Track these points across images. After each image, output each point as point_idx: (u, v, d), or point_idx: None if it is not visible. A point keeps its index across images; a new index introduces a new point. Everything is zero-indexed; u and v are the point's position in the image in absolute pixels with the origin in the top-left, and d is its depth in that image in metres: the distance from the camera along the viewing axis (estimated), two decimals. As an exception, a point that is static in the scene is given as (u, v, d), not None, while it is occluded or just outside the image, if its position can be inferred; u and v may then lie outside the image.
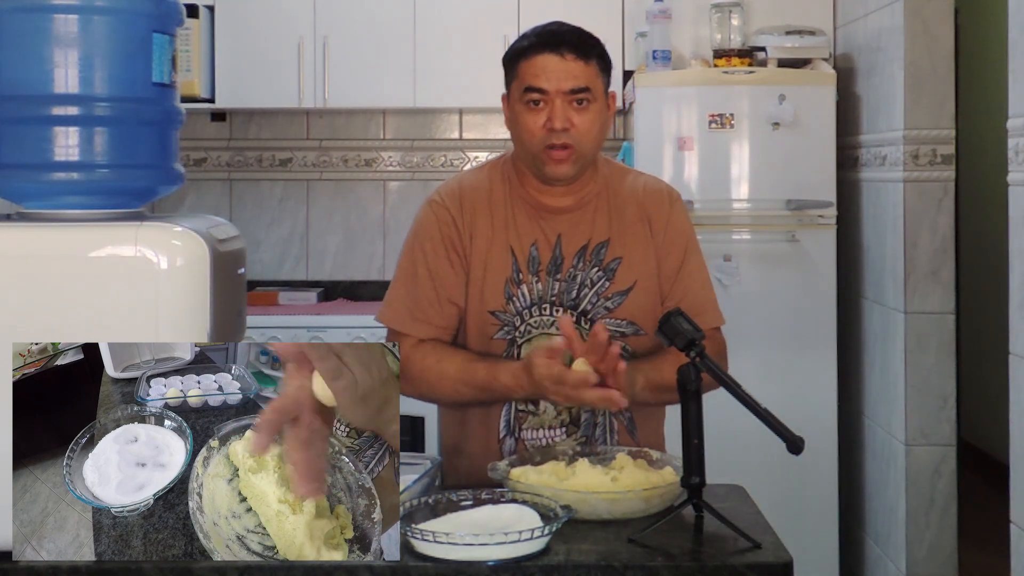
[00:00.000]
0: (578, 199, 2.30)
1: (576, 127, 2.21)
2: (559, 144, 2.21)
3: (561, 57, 2.20)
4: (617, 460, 2.08)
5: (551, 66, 2.20)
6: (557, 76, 2.20)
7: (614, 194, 2.33)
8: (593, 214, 2.31)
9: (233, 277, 2.06)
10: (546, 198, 2.30)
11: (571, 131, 2.21)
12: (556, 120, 2.20)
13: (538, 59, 2.21)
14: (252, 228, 4.90)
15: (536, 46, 2.22)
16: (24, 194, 2.02)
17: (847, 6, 4.34)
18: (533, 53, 2.22)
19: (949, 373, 3.76)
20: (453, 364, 2.25)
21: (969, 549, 4.17)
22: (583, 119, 2.21)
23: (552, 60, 2.20)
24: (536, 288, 2.28)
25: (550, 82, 2.20)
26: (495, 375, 2.20)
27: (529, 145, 2.24)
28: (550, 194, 2.30)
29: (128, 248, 1.86)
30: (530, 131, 2.23)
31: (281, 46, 4.54)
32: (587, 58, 2.21)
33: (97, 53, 1.97)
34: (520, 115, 2.24)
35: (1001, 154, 2.90)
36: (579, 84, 2.20)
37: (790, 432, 1.92)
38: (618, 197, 2.33)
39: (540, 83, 2.20)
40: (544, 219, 2.30)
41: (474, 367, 2.23)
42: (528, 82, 2.22)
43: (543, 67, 2.20)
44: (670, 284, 2.31)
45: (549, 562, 1.76)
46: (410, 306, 2.29)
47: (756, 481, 2.44)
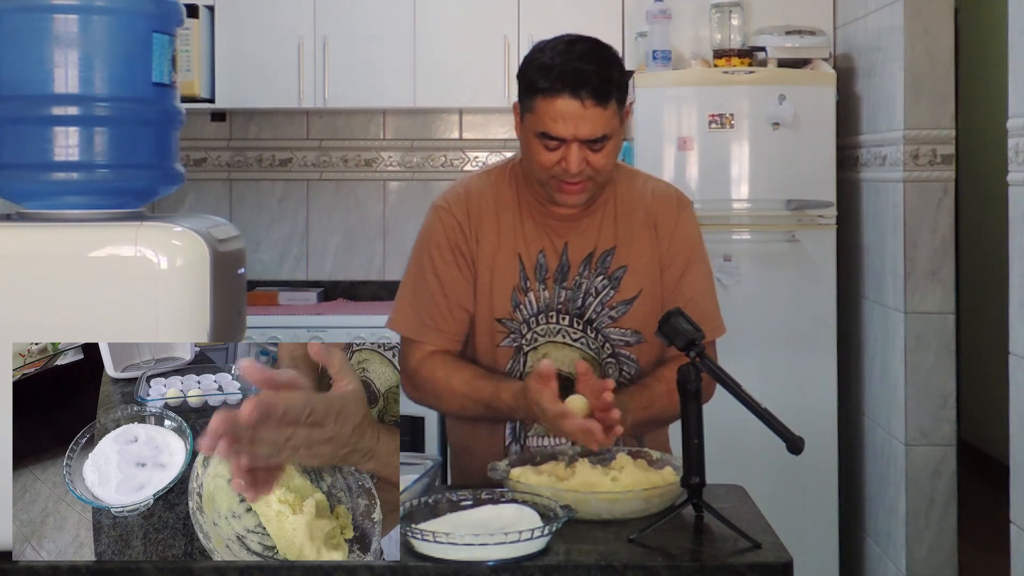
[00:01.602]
0: (586, 207, 2.27)
1: (591, 165, 2.16)
2: (573, 180, 2.17)
3: (581, 104, 2.10)
4: (617, 460, 2.07)
5: (570, 113, 2.11)
6: (576, 125, 2.12)
7: (623, 199, 2.31)
8: (600, 221, 2.29)
9: (233, 277, 2.06)
10: (553, 206, 2.26)
11: (586, 170, 2.16)
12: (572, 164, 2.14)
13: (558, 103, 2.11)
14: (252, 228, 4.89)
15: (557, 88, 2.11)
16: (24, 194, 2.01)
17: (847, 6, 4.34)
18: (553, 95, 2.12)
19: (949, 373, 3.75)
20: (461, 379, 2.23)
21: (969, 549, 4.17)
22: (599, 158, 2.16)
23: (572, 106, 2.11)
24: (543, 296, 2.27)
25: (568, 130, 2.12)
26: (499, 394, 2.19)
27: (539, 175, 2.21)
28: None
29: (128, 248, 1.86)
30: (542, 165, 2.18)
31: (281, 46, 4.53)
32: (607, 101, 2.12)
33: (97, 53, 1.97)
34: (532, 146, 2.18)
35: (1001, 154, 2.90)
36: (596, 134, 2.13)
37: (790, 432, 1.91)
38: (627, 203, 2.31)
39: (559, 131, 2.13)
40: (551, 226, 2.28)
41: (480, 384, 2.22)
42: (545, 127, 2.14)
43: (562, 113, 2.11)
44: (671, 292, 2.29)
45: (549, 562, 1.76)
46: (420, 313, 2.28)
47: (756, 481, 2.44)
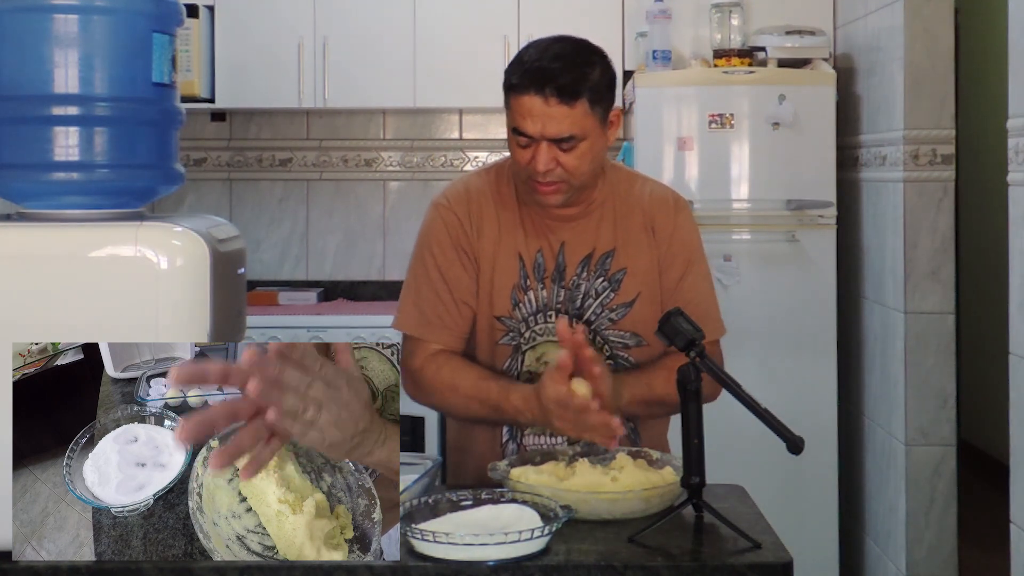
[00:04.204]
0: (583, 207, 2.28)
1: (563, 166, 2.16)
2: (545, 181, 2.18)
3: (545, 101, 2.11)
4: (617, 460, 2.07)
5: (535, 110, 2.12)
6: (541, 122, 2.12)
7: (621, 201, 2.31)
8: (598, 222, 2.29)
9: (233, 277, 2.06)
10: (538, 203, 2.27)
11: (557, 170, 2.16)
12: (540, 163, 2.15)
13: (524, 99, 2.13)
14: (252, 228, 4.89)
15: (524, 84, 2.13)
16: (24, 194, 2.01)
17: (847, 6, 4.34)
18: (520, 91, 2.13)
19: (949, 373, 3.75)
20: (466, 380, 2.22)
21: (969, 549, 4.17)
22: (569, 158, 2.16)
23: (536, 104, 2.11)
24: (541, 295, 2.27)
25: (535, 127, 2.13)
26: (506, 396, 2.18)
27: (519, 173, 2.23)
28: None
29: (128, 248, 1.86)
30: (518, 163, 2.20)
31: (281, 46, 4.53)
32: (573, 100, 2.12)
33: (97, 53, 1.96)
34: (510, 143, 2.21)
35: (1001, 154, 2.90)
36: (562, 133, 2.13)
37: (790, 432, 1.91)
38: (624, 204, 2.31)
39: (525, 127, 2.14)
40: (548, 226, 2.28)
41: (487, 385, 2.21)
42: (515, 122, 2.16)
43: (528, 110, 2.13)
44: (670, 294, 2.29)
45: (549, 562, 1.76)
46: (425, 310, 2.27)
47: (756, 481, 2.43)
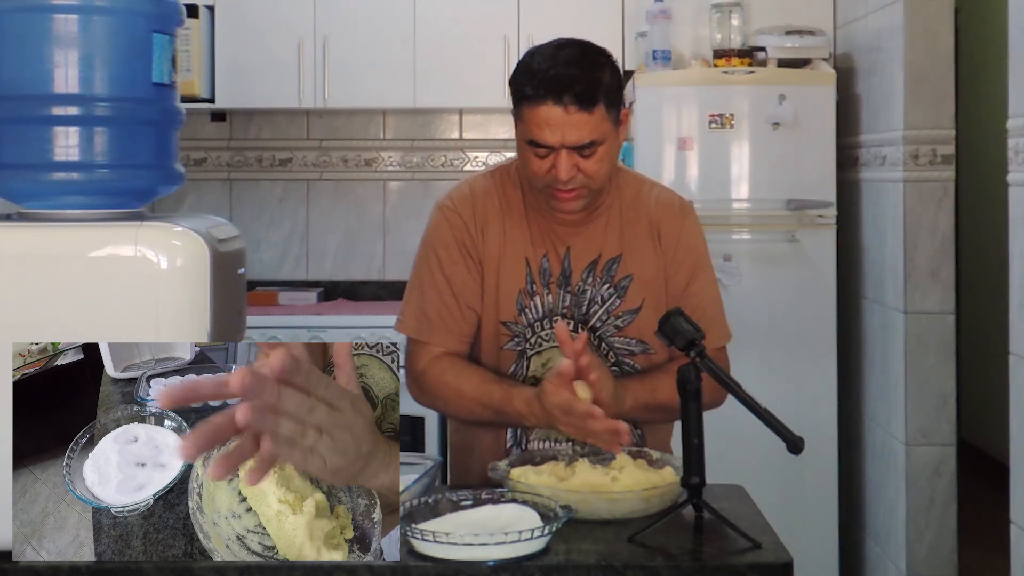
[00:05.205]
0: (589, 211, 2.26)
1: (583, 172, 2.15)
2: (567, 188, 2.16)
3: (564, 110, 2.09)
4: (617, 460, 2.07)
5: (554, 120, 2.10)
6: (561, 131, 2.10)
7: (627, 206, 2.29)
8: (604, 228, 2.27)
9: (233, 277, 2.06)
10: (553, 210, 2.25)
11: (578, 176, 2.15)
12: (561, 172, 2.13)
13: (541, 109, 2.10)
14: (252, 228, 4.89)
15: (540, 94, 2.10)
16: (24, 194, 2.01)
17: (847, 6, 4.34)
18: (536, 102, 2.11)
19: (949, 373, 3.75)
20: (470, 384, 2.21)
21: (969, 549, 4.17)
22: (589, 164, 2.14)
23: (555, 113, 2.09)
24: (547, 301, 2.26)
25: (554, 136, 2.11)
26: (510, 399, 2.17)
27: (534, 183, 2.20)
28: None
29: (128, 248, 1.86)
30: (535, 173, 2.17)
31: (281, 46, 4.53)
32: (592, 106, 2.10)
33: (97, 53, 1.96)
34: (525, 154, 2.18)
35: (1001, 154, 2.90)
36: (583, 140, 2.11)
37: (790, 432, 1.91)
38: (631, 210, 2.29)
39: (544, 138, 2.11)
40: (554, 230, 2.26)
41: (490, 389, 2.20)
42: (532, 134, 2.13)
43: (547, 120, 2.10)
44: (677, 300, 2.27)
45: (549, 562, 1.76)
46: (429, 313, 2.26)
47: (756, 481, 2.43)
